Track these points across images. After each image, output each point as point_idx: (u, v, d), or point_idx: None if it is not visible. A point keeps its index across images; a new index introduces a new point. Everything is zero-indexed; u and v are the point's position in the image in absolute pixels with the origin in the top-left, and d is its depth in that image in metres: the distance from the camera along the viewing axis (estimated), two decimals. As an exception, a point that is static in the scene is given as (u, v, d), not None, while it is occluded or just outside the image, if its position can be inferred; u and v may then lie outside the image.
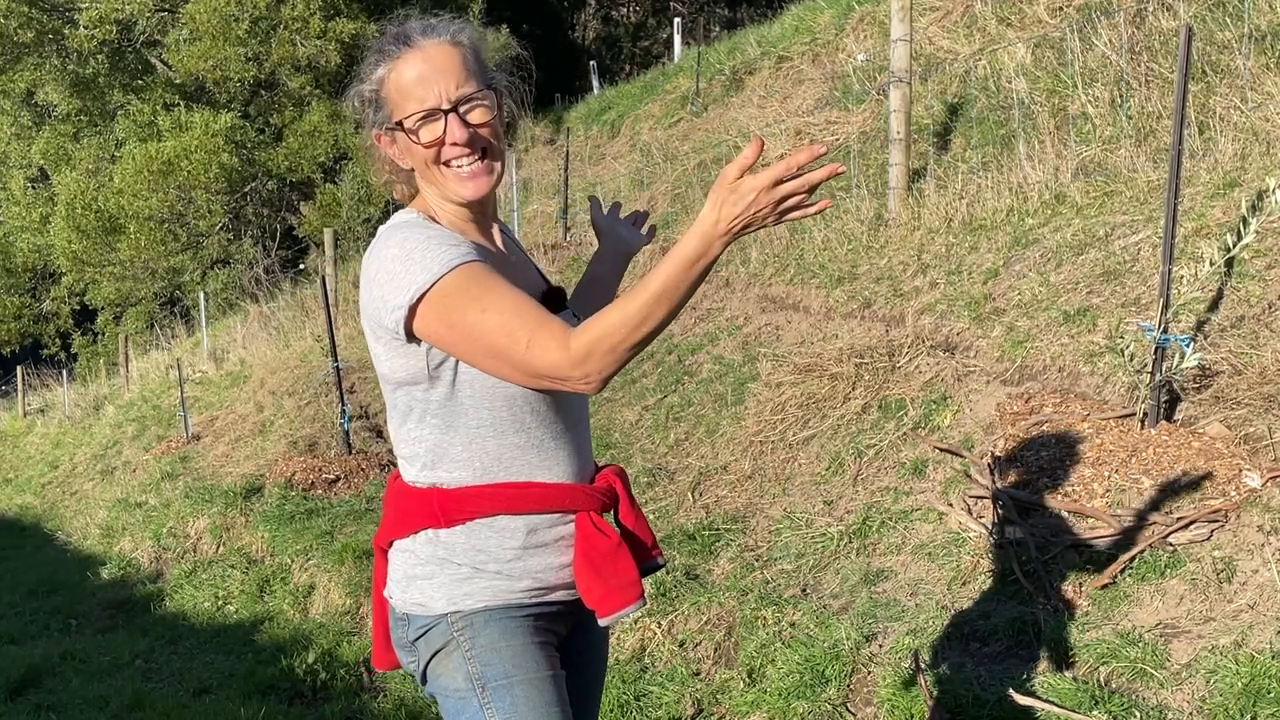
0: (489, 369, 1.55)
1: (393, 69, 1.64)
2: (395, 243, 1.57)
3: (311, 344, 11.00)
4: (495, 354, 1.52)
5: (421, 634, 1.66)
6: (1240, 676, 2.63)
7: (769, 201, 1.42)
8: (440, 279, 1.52)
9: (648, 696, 3.59)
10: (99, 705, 4.52)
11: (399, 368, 1.62)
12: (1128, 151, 5.30)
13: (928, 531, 3.82)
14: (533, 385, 1.55)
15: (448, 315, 1.52)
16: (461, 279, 1.53)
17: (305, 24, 16.19)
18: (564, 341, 1.48)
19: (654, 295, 1.45)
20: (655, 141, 11.61)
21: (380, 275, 1.57)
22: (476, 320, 1.51)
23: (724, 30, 23.46)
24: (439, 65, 1.63)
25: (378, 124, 1.68)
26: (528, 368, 1.50)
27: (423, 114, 1.62)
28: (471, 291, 1.52)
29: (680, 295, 1.46)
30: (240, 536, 7.15)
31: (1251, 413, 3.44)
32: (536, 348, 1.49)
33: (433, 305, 1.53)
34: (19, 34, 16.95)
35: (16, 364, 21.42)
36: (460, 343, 1.53)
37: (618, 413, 6.05)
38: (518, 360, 1.50)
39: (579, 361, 1.47)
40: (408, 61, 1.63)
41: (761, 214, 1.43)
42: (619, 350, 1.47)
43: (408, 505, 1.68)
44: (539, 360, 1.49)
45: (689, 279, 1.45)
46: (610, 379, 1.50)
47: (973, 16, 8.30)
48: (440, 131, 1.62)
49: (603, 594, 1.64)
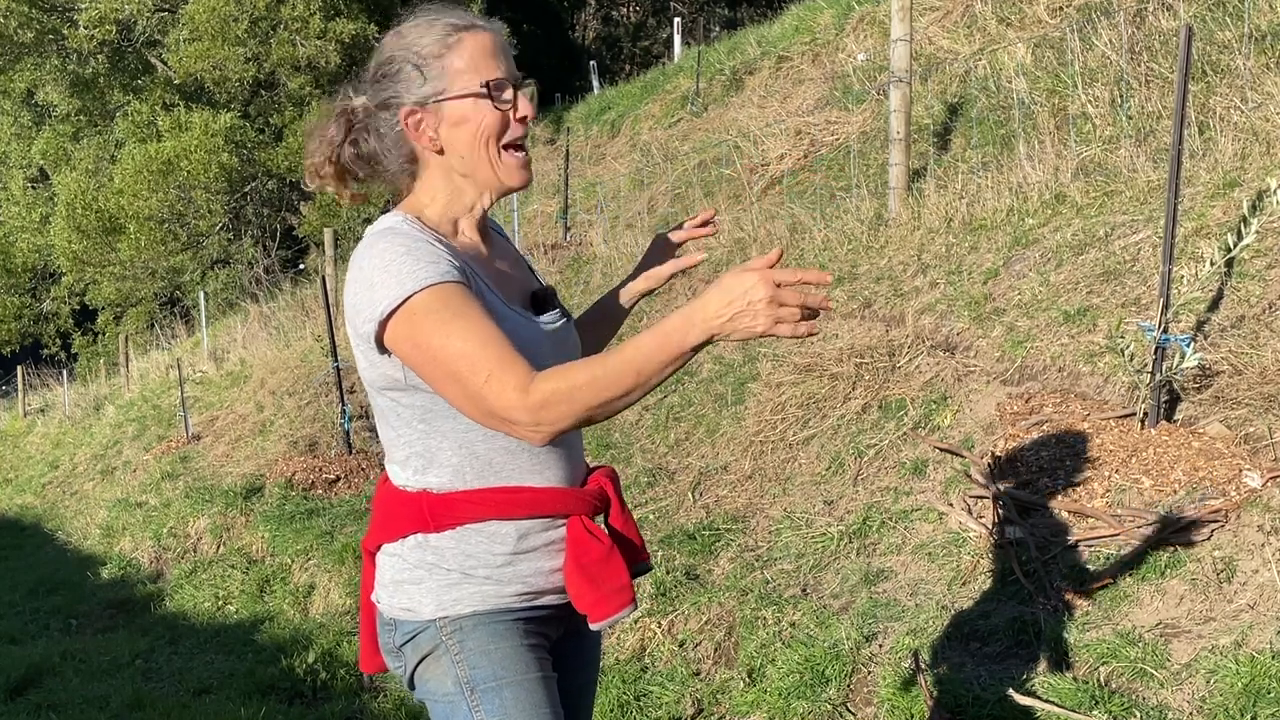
0: (447, 395, 1.52)
1: (460, 41, 1.60)
2: (379, 250, 1.54)
3: (311, 344, 11.00)
4: (454, 380, 1.48)
5: (409, 639, 1.64)
6: (1240, 676, 2.63)
7: (765, 297, 1.35)
8: (413, 296, 1.49)
9: (648, 696, 3.59)
10: (99, 705, 4.52)
11: (378, 375, 1.60)
12: (1128, 151, 5.30)
13: (928, 531, 3.82)
14: (482, 421, 1.50)
15: (414, 334, 1.50)
16: (435, 299, 1.50)
17: (305, 24, 16.19)
18: (524, 384, 1.44)
19: (627, 363, 1.41)
20: (655, 141, 11.62)
21: (360, 282, 1.55)
22: (441, 345, 1.48)
23: (724, 30, 23.47)
24: (503, 47, 1.63)
25: (419, 98, 1.61)
26: (482, 403, 1.47)
27: (499, 80, 1.60)
28: (443, 315, 1.49)
29: (652, 372, 1.41)
30: (240, 536, 7.15)
31: (1251, 413, 3.44)
32: (495, 384, 1.45)
33: (402, 321, 1.50)
34: (19, 34, 16.96)
35: (16, 364, 21.41)
36: (424, 363, 1.51)
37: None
38: (473, 392, 1.47)
39: (534, 408, 1.43)
40: (477, 37, 1.61)
41: (753, 307, 1.36)
42: (576, 409, 1.43)
43: (396, 509, 1.66)
44: (494, 398, 1.45)
45: (666, 359, 1.40)
46: (557, 435, 1.46)
47: (973, 16, 8.30)
48: (511, 101, 1.61)
49: (595, 599, 1.62)
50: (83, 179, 18.27)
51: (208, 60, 16.39)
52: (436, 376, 1.51)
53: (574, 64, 25.30)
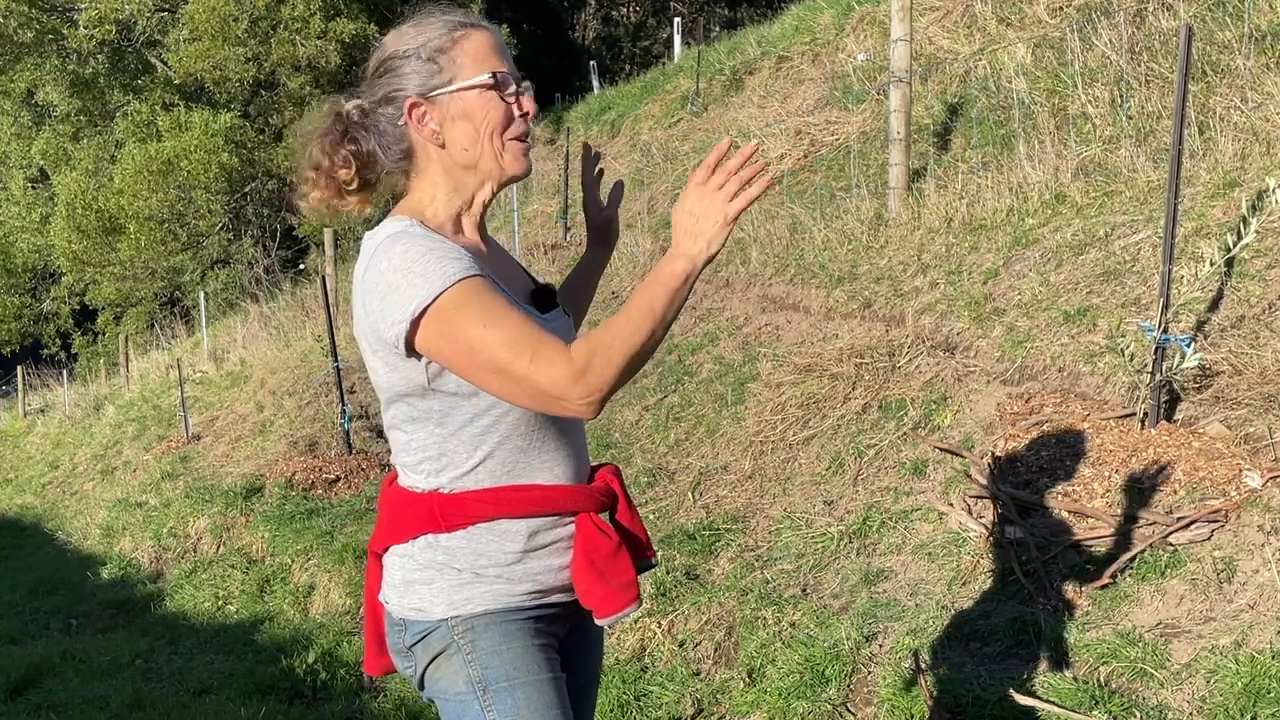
0: (489, 386, 1.53)
1: (466, 36, 1.64)
2: (396, 254, 1.53)
3: (311, 344, 11.00)
4: (497, 370, 1.49)
5: (420, 639, 1.65)
6: (1240, 676, 2.63)
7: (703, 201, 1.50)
8: (443, 293, 1.50)
9: (648, 696, 3.59)
10: (99, 705, 4.52)
11: (397, 381, 1.59)
12: (1128, 151, 5.30)
13: (928, 531, 3.82)
14: (530, 404, 1.52)
15: (449, 330, 1.50)
16: (464, 294, 1.50)
17: (306, 24, 16.20)
18: (566, 356, 1.47)
19: (640, 308, 1.49)
20: (655, 141, 11.62)
21: (380, 288, 1.53)
22: (479, 335, 1.49)
23: (724, 30, 23.47)
24: (502, 47, 1.67)
25: (426, 89, 1.63)
26: (530, 385, 1.49)
27: (503, 75, 1.64)
28: (476, 307, 1.50)
29: (663, 308, 1.50)
30: (240, 536, 7.15)
31: (1251, 413, 3.44)
32: (541, 363, 1.47)
33: (435, 320, 1.50)
34: (19, 34, 16.97)
35: (16, 364, 21.43)
36: (460, 357, 1.51)
37: (618, 413, 6.05)
38: (520, 376, 1.48)
39: (579, 376, 1.46)
40: (482, 34, 1.65)
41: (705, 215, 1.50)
42: (616, 365, 1.47)
43: (405, 510, 1.67)
44: (542, 376, 1.47)
45: (669, 294, 1.50)
46: (606, 400, 1.50)
47: (973, 16, 8.30)
48: (515, 96, 1.66)
49: (603, 595, 1.64)
50: (83, 179, 18.27)
51: (208, 60, 16.39)
52: (476, 368, 1.51)
53: (574, 64, 25.31)
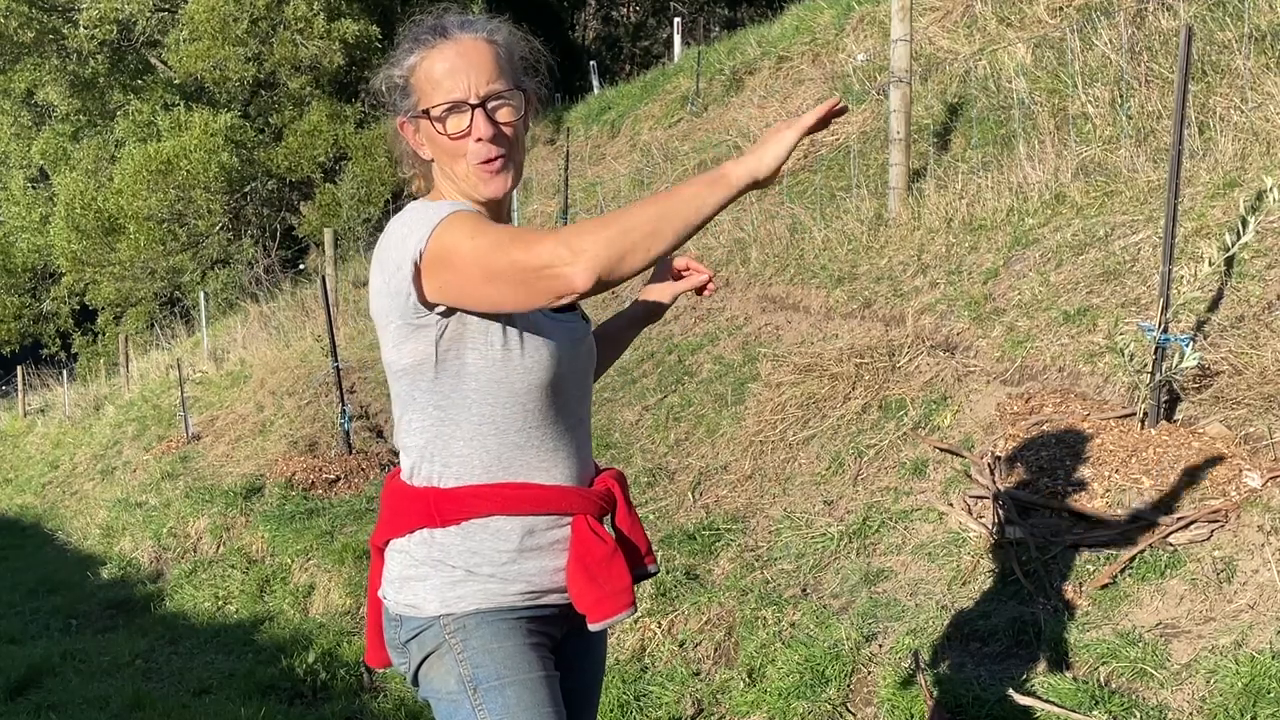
0: (491, 297, 1.52)
1: (425, 57, 1.65)
2: (405, 213, 1.62)
3: (311, 344, 10.99)
4: (491, 273, 1.50)
5: (414, 636, 1.66)
6: (1240, 676, 2.63)
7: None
8: (437, 225, 1.55)
9: (648, 696, 3.59)
10: (99, 705, 4.52)
11: (406, 352, 1.61)
12: (1128, 151, 5.30)
13: (928, 531, 3.82)
14: (529, 296, 1.49)
15: (445, 254, 1.53)
16: (452, 221, 1.55)
17: (308, 24, 16.19)
18: (554, 231, 1.48)
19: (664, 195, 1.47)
20: (655, 141, 11.61)
21: (393, 235, 1.60)
22: (470, 247, 1.51)
23: (724, 30, 23.47)
24: (472, 60, 1.64)
25: (404, 111, 1.69)
26: (521, 268, 1.47)
27: (449, 105, 1.63)
28: (461, 228, 1.54)
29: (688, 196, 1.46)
30: (240, 536, 7.15)
31: (1251, 413, 3.44)
32: (525, 240, 1.48)
33: (433, 251, 1.54)
34: (19, 34, 16.96)
35: (16, 364, 21.42)
36: (459, 276, 1.53)
37: (618, 413, 6.05)
38: (511, 263, 1.48)
39: (566, 239, 1.45)
40: (441, 52, 1.64)
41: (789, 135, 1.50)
42: (609, 225, 1.44)
43: (404, 504, 1.68)
44: (527, 252, 1.47)
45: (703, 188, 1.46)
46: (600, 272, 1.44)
47: (973, 16, 8.30)
48: (466, 124, 1.63)
49: (595, 599, 1.64)
50: (82, 179, 18.26)
51: (208, 60, 16.39)
52: (474, 281, 1.52)
53: (574, 64, 25.28)
